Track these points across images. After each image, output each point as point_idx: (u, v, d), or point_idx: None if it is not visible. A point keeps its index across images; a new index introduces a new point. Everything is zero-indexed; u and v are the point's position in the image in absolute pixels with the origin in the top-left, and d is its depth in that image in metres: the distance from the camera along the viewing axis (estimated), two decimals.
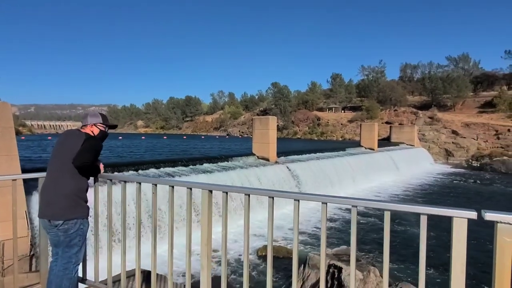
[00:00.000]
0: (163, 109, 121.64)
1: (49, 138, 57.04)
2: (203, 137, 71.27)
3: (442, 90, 57.65)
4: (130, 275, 2.93)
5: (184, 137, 68.93)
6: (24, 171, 8.56)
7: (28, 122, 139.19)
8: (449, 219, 1.43)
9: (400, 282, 5.70)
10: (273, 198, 2.05)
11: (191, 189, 2.37)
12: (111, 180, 2.87)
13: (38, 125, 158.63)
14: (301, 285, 6.53)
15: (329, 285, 5.90)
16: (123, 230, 2.73)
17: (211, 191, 2.33)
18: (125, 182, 2.75)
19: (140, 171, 10.79)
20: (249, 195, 2.15)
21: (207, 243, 2.31)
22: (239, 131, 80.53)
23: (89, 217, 2.77)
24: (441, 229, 8.60)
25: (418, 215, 1.59)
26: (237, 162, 14.34)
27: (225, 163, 13.91)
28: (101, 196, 3.04)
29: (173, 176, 10.76)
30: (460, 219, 1.41)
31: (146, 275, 2.82)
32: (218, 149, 30.18)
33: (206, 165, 13.00)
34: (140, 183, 2.66)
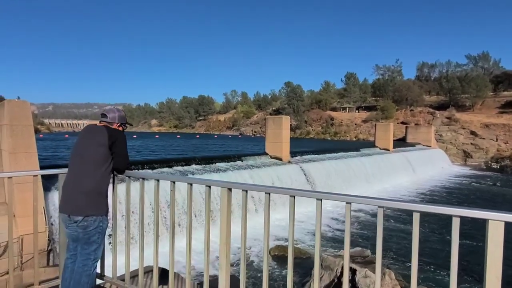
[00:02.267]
0: (177, 108, 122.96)
1: (66, 136, 58.58)
2: (216, 136, 71.73)
3: (461, 90, 56.10)
4: (147, 270, 2.94)
5: (197, 136, 69.55)
6: (41, 168, 8.79)
7: (46, 121, 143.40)
8: (483, 222, 1.36)
9: (418, 286, 5.54)
10: (294, 197, 1.99)
11: (209, 187, 2.33)
12: (129, 177, 2.85)
13: (55, 123, 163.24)
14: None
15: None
16: (141, 227, 2.73)
17: (230, 189, 2.29)
18: (143, 179, 2.74)
19: (154, 170, 10.91)
20: (269, 194, 2.09)
21: (226, 242, 2.28)
22: (252, 130, 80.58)
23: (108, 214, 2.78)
24: (472, 232, 8.35)
25: (449, 217, 1.51)
26: (250, 162, 14.33)
27: (238, 163, 13.92)
28: (120, 192, 3.06)
29: (186, 175, 10.83)
30: (497, 222, 1.33)
31: (163, 272, 2.83)
32: (231, 148, 30.29)
33: (219, 164, 13.04)
34: (158, 180, 2.64)
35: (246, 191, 2.18)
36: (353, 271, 5.63)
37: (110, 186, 2.85)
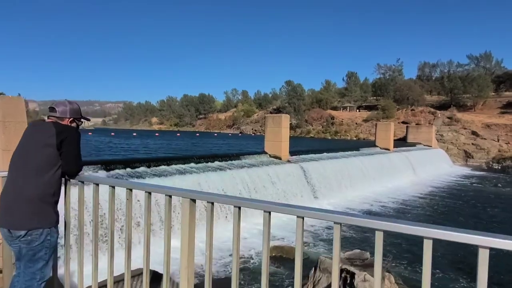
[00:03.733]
0: (177, 106, 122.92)
1: None
2: (216, 134, 71.64)
3: (462, 90, 55.91)
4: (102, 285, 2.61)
5: (197, 134, 69.47)
6: None
7: (47, 118, 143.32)
8: None
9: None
10: (269, 213, 1.73)
11: (170, 196, 2.01)
12: (82, 182, 2.48)
13: None
14: None
15: None
16: (94, 239, 2.41)
17: (194, 200, 1.95)
18: (97, 184, 2.39)
19: (151, 168, 10.77)
20: (239, 208, 1.79)
21: (188, 266, 1.90)
22: (252, 129, 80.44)
23: (58, 225, 2.39)
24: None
25: (475, 247, 1.21)
26: (249, 160, 14.17)
27: (237, 161, 13.76)
28: (73, 200, 2.66)
29: (183, 174, 10.69)
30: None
31: None
32: (230, 147, 30.16)
33: (217, 163, 12.89)
34: (114, 187, 2.30)
35: (213, 203, 1.87)
36: (351, 275, 5.46)
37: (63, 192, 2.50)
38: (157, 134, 68.02)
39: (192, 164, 12.13)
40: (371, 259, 6.42)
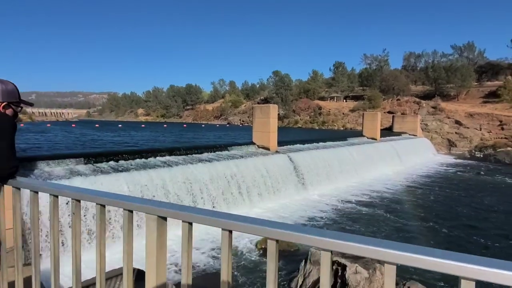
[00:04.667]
0: (164, 97, 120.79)
1: (48, 125, 56.71)
2: (203, 125, 70.86)
3: (446, 80, 56.88)
4: None
5: (184, 125, 68.55)
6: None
7: (28, 110, 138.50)
8: None
9: (408, 281, 5.37)
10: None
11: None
12: (18, 188, 2.01)
13: (39, 112, 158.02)
14: (302, 282, 6.23)
15: (332, 283, 5.58)
16: (35, 254, 2.02)
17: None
18: (36, 192, 1.94)
19: (135, 161, 10.43)
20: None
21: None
22: (240, 119, 79.98)
23: None
24: None
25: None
26: (237, 151, 13.96)
27: (225, 152, 13.53)
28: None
29: (171, 166, 10.40)
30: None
31: None
32: (217, 138, 29.80)
33: (204, 155, 12.63)
34: (57, 196, 1.83)
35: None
36: (343, 267, 5.39)
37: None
38: (143, 125, 66.76)
39: (180, 156, 11.84)
40: None
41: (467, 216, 11.69)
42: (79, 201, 1.72)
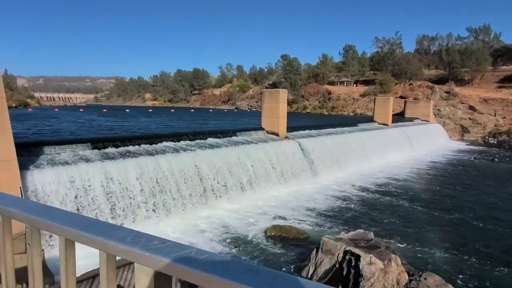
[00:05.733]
0: (171, 81, 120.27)
1: (56, 110, 57.19)
2: (211, 110, 70.57)
3: (460, 64, 54.99)
4: None
5: (192, 110, 68.36)
6: (21, 145, 8.14)
7: (37, 94, 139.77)
8: None
9: (424, 272, 5.18)
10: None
11: None
12: None
13: (47, 97, 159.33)
14: (313, 271, 6.10)
15: (344, 273, 5.44)
16: None
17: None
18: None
19: (146, 145, 10.32)
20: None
21: None
22: (248, 104, 79.38)
23: None
24: None
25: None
26: (246, 137, 13.76)
27: (233, 138, 13.35)
28: None
29: (177, 151, 10.27)
30: None
31: None
32: (226, 123, 29.59)
33: (213, 140, 12.46)
34: None
35: None
36: (356, 257, 5.22)
37: None
38: (150, 110, 66.85)
39: (188, 142, 11.71)
40: (375, 240, 6.19)
41: (479, 201, 11.37)
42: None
